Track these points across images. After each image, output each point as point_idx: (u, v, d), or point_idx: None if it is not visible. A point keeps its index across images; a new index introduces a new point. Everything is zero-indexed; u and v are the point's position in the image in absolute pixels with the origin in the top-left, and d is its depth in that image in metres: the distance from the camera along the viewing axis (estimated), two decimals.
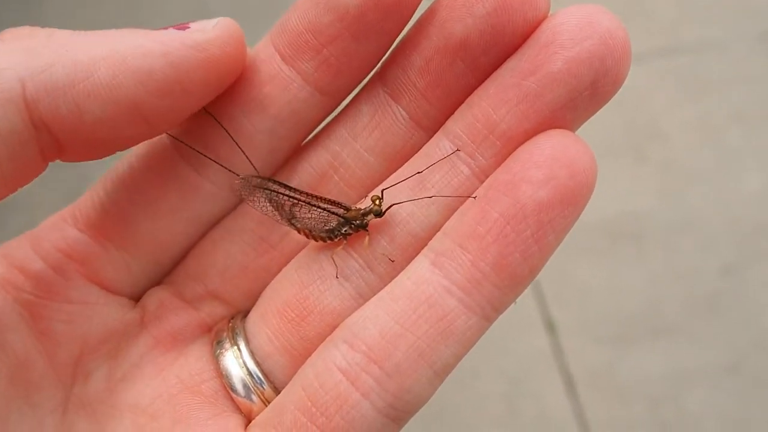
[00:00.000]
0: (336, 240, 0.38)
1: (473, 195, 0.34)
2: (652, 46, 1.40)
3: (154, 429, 0.36)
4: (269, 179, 0.38)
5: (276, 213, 0.39)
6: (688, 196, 1.26)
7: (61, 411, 0.37)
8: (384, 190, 0.37)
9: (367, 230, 0.37)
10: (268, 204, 0.39)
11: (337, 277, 0.37)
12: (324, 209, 0.38)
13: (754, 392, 1.10)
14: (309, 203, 0.38)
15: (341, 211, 0.38)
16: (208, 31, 0.34)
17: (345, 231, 0.38)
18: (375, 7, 0.34)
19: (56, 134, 0.33)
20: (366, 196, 0.38)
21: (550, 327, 1.16)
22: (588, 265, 1.20)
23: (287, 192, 0.38)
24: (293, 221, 0.39)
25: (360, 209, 0.37)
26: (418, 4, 0.35)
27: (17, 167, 0.33)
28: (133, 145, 0.37)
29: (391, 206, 0.37)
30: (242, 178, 0.38)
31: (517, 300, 0.34)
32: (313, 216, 0.38)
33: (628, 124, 1.32)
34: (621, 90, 0.34)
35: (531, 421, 1.10)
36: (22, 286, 0.37)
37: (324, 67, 0.36)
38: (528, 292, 1.17)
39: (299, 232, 0.39)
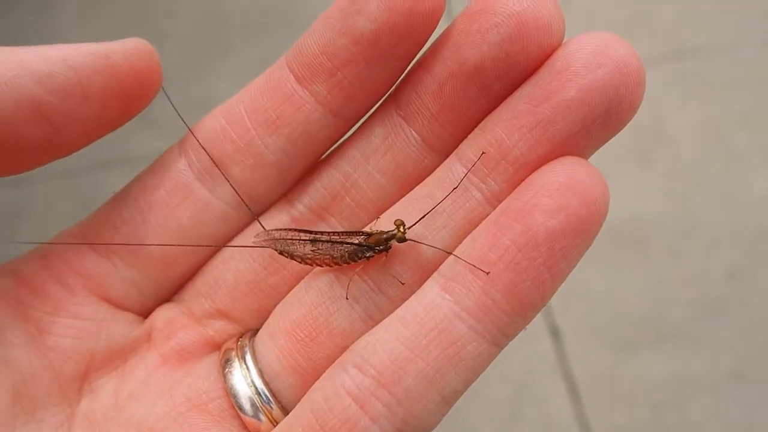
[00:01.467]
0: (358, 261, 0.39)
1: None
2: (659, 50, 1.39)
3: None
4: (288, 229, 0.39)
5: (297, 249, 0.39)
6: (693, 200, 1.25)
7: (66, 428, 0.37)
8: (410, 226, 0.37)
9: (386, 252, 0.38)
10: (289, 244, 0.39)
11: (347, 298, 0.37)
12: (347, 243, 0.38)
13: (758, 399, 1.09)
14: (332, 241, 0.39)
15: (362, 238, 0.38)
16: (111, 43, 0.36)
17: (369, 255, 0.38)
18: (390, 32, 0.34)
19: None
20: (377, 217, 0.39)
21: (555, 332, 1.15)
22: (592, 270, 1.20)
23: (307, 233, 0.39)
24: (316, 251, 0.39)
25: (383, 233, 0.38)
26: (433, 29, 0.35)
27: None
28: (48, 158, 0.37)
29: (409, 238, 0.37)
30: (261, 234, 0.39)
31: (526, 327, 0.34)
32: (334, 247, 0.39)
33: (634, 128, 1.30)
34: None
35: (534, 426, 1.10)
36: (30, 302, 0.38)
37: (337, 90, 0.36)
38: None
39: (321, 264, 0.39)
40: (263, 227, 0.39)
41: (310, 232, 0.39)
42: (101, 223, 0.40)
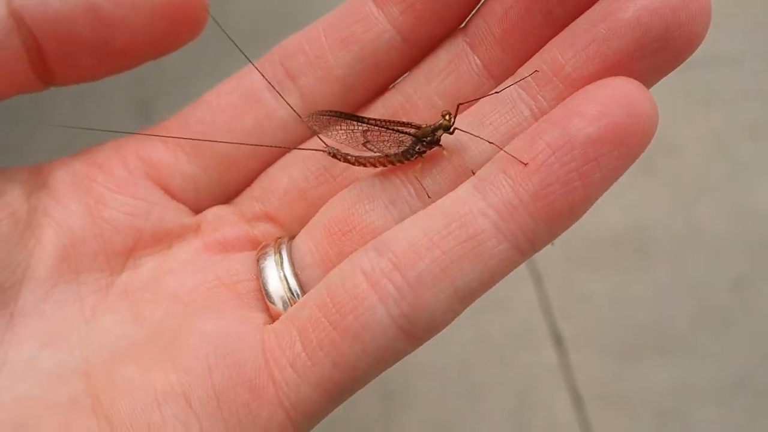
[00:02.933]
0: (413, 159, 0.39)
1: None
2: None
3: (186, 314, 0.38)
4: (337, 112, 0.40)
5: (349, 139, 0.40)
6: (697, 209, 1.25)
7: (104, 293, 0.40)
8: (460, 104, 0.38)
9: (441, 146, 0.38)
10: (342, 133, 0.40)
11: (428, 196, 0.37)
12: (396, 130, 0.39)
13: (762, 408, 1.09)
14: (381, 126, 0.40)
15: (413, 130, 0.39)
16: None
17: (419, 149, 0.39)
18: None
19: (30, 27, 0.37)
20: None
21: (558, 341, 1.15)
22: (596, 279, 1.20)
23: (358, 119, 0.40)
24: (369, 145, 0.40)
25: (430, 125, 0.38)
26: None
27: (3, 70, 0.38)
28: (106, 66, 0.41)
29: (460, 129, 0.37)
30: (312, 114, 0.40)
31: (554, 242, 0.34)
32: (386, 139, 0.40)
33: None
34: None
35: None
36: (96, 178, 0.41)
37: (409, 11, 0.39)
38: (536, 305, 1.17)
39: (375, 164, 0.40)
40: (321, 140, 0.41)
41: (361, 118, 0.40)
42: (177, 120, 0.43)
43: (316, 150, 0.40)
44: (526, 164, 0.33)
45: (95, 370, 0.37)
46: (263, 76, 0.41)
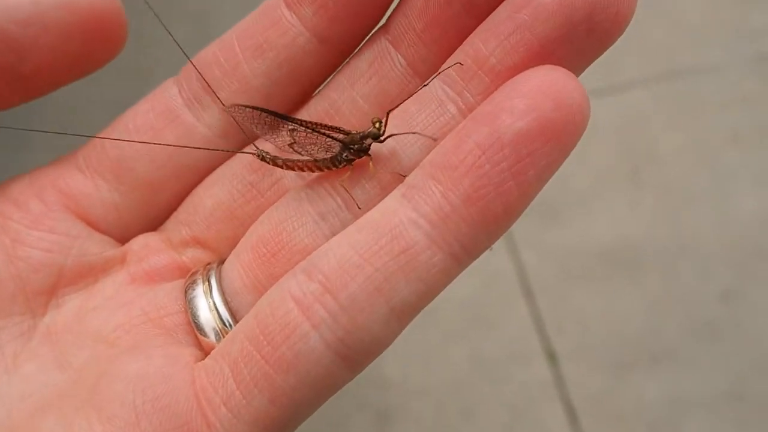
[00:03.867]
0: (340, 167, 0.37)
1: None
2: (648, 71, 1.40)
3: (110, 356, 0.36)
4: (262, 108, 0.38)
5: (275, 138, 0.39)
6: (685, 220, 1.26)
7: (26, 338, 0.38)
8: (389, 111, 0.36)
9: (369, 155, 0.37)
10: (266, 129, 0.39)
11: (358, 207, 0.36)
12: (323, 133, 0.37)
13: (755, 419, 1.10)
14: (309, 128, 0.38)
15: (341, 136, 0.37)
16: None
17: (346, 156, 0.37)
18: None
19: None
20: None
21: (551, 356, 1.15)
22: (586, 293, 1.20)
23: (284, 117, 0.38)
24: (295, 147, 0.38)
25: (359, 133, 0.37)
26: None
27: None
28: (19, 93, 0.38)
29: (390, 136, 0.36)
30: (234, 105, 0.39)
31: (492, 247, 0.32)
32: (313, 141, 0.38)
33: (625, 150, 1.32)
34: (617, 115, 0.33)
35: None
36: (10, 214, 0.39)
37: (322, 11, 0.37)
38: (528, 321, 1.17)
39: (303, 168, 0.38)
40: (255, 146, 0.39)
41: (288, 118, 0.38)
42: (93, 147, 0.41)
43: (245, 152, 0.39)
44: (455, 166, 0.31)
45: (18, 426, 0.35)
46: (201, 75, 0.39)
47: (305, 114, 0.39)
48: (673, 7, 1.47)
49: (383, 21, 0.38)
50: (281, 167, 0.38)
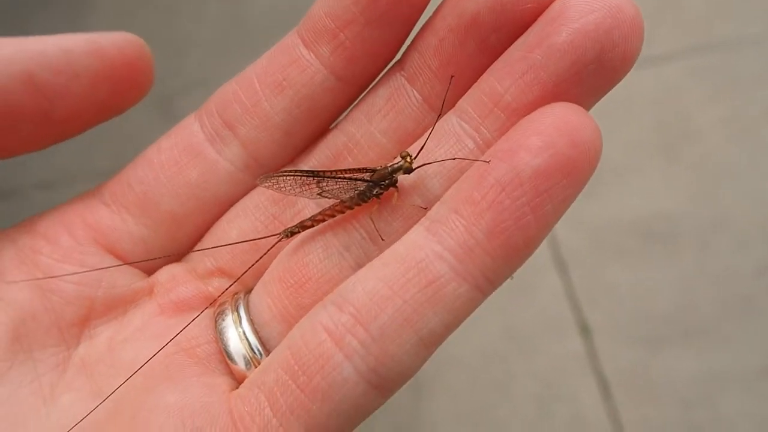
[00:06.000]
0: (369, 201, 0.39)
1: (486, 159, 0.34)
2: (685, 44, 1.38)
3: (147, 387, 0.37)
4: (290, 171, 0.40)
5: (303, 192, 0.40)
6: (721, 195, 1.24)
7: (61, 369, 0.39)
8: (420, 150, 0.38)
9: (396, 188, 0.38)
10: (296, 186, 0.40)
11: (382, 239, 0.37)
12: (352, 178, 0.39)
13: None
14: (333, 177, 0.39)
15: (367, 175, 0.39)
16: (103, 33, 0.39)
17: (376, 192, 0.39)
18: None
19: None
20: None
21: (584, 329, 1.15)
22: (621, 267, 1.19)
23: (313, 174, 0.40)
24: (324, 194, 0.40)
25: (388, 167, 0.38)
26: None
27: None
28: (47, 136, 0.40)
29: (420, 165, 0.37)
30: (264, 176, 0.40)
31: (513, 276, 0.33)
32: (342, 186, 0.39)
33: (661, 123, 1.31)
34: (653, 88, 0.33)
35: (565, 424, 1.10)
36: (42, 249, 0.40)
37: (340, 50, 0.38)
38: (561, 294, 1.17)
39: (333, 214, 0.40)
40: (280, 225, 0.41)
41: (314, 172, 0.40)
42: (119, 181, 0.42)
43: (272, 239, 0.40)
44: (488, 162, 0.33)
45: None
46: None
47: (323, 147, 0.41)
48: None
49: (398, 56, 0.40)
50: (311, 227, 0.40)
